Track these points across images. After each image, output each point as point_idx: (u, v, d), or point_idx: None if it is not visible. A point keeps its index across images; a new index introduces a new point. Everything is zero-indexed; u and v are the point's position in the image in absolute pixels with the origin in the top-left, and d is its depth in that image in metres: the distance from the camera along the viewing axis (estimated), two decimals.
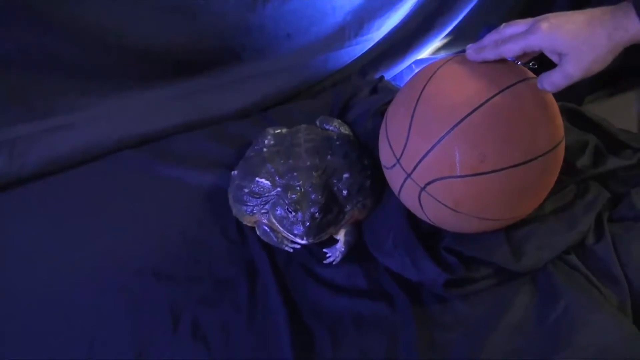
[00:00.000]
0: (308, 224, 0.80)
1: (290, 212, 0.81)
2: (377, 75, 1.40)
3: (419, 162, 0.67)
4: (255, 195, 0.88)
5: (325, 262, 0.85)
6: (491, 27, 1.55)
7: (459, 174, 0.65)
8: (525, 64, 1.44)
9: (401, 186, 0.74)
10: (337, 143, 0.96)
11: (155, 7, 1.03)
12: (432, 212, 0.73)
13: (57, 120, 1.06)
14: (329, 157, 0.90)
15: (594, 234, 0.80)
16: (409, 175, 0.70)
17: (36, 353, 0.74)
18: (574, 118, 0.96)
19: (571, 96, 0.63)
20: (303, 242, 0.83)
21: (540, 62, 1.45)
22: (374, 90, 1.24)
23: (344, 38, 1.33)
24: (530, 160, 0.65)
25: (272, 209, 0.85)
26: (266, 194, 0.87)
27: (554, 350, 0.65)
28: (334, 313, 0.78)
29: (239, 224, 0.92)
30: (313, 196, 0.81)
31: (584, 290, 0.71)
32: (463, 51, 1.61)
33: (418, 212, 0.76)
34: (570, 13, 0.58)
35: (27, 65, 0.98)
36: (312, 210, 0.80)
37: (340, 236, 0.86)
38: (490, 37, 0.66)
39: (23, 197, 1.00)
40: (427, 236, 0.80)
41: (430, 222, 0.77)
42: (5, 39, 0.93)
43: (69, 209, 0.97)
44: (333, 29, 1.30)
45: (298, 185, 0.83)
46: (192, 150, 1.11)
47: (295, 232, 0.81)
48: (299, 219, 0.80)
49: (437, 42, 1.50)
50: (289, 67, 1.30)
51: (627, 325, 0.67)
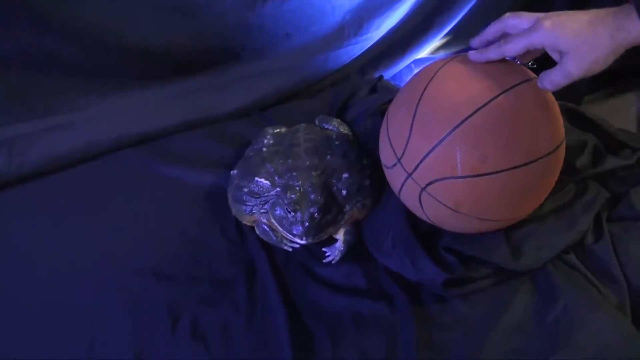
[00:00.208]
0: (307, 224, 0.80)
1: (290, 212, 0.81)
2: (376, 75, 1.40)
3: (420, 162, 0.67)
4: (255, 195, 0.88)
5: (324, 261, 0.85)
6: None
7: (460, 175, 0.65)
8: (523, 63, 1.44)
9: (401, 186, 0.74)
10: (336, 143, 0.96)
11: (154, 6, 1.02)
12: (432, 212, 0.73)
13: (56, 119, 1.06)
14: (328, 157, 0.90)
15: (593, 233, 0.80)
16: (409, 175, 0.70)
17: (36, 352, 0.74)
18: (573, 118, 0.97)
19: (570, 96, 0.63)
20: (302, 242, 0.83)
21: (540, 63, 1.45)
22: (373, 90, 1.24)
23: (343, 37, 1.33)
24: (532, 161, 0.65)
25: (272, 208, 0.85)
26: (265, 194, 0.87)
27: (553, 349, 0.65)
28: (334, 313, 0.78)
29: (238, 224, 0.92)
30: (312, 196, 0.81)
31: (583, 290, 0.71)
32: (462, 50, 1.62)
33: (418, 212, 0.76)
34: (573, 12, 0.58)
35: (26, 65, 0.98)
36: (312, 210, 0.80)
37: (340, 235, 0.86)
38: (493, 28, 0.65)
39: (22, 197, 1.00)
40: (427, 236, 0.80)
41: (430, 222, 0.77)
42: (5, 39, 0.93)
43: (68, 208, 0.97)
44: (332, 28, 1.30)
45: (297, 185, 0.83)
46: (191, 150, 1.11)
47: (295, 232, 0.81)
48: (298, 219, 0.80)
49: (436, 42, 1.50)
50: (288, 67, 1.30)
51: (626, 324, 0.68)
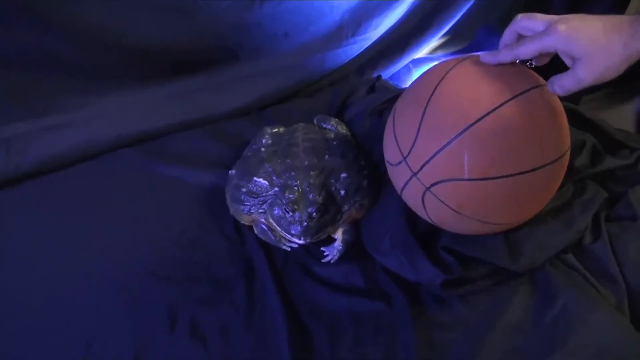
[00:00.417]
0: (305, 224, 0.80)
1: (288, 212, 0.81)
2: (375, 75, 1.40)
3: (427, 162, 0.67)
4: (253, 195, 0.87)
5: (323, 261, 0.85)
6: (488, 27, 1.55)
7: (466, 177, 0.64)
8: (521, 62, 1.44)
9: (405, 184, 0.74)
10: (335, 143, 0.96)
11: (153, 6, 1.02)
12: (434, 212, 0.73)
13: (55, 118, 1.06)
14: (326, 157, 0.90)
15: (591, 233, 0.80)
16: (414, 174, 0.70)
17: (34, 353, 0.74)
18: (572, 118, 0.96)
19: (569, 95, 0.62)
20: (300, 241, 0.83)
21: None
22: (372, 90, 1.24)
23: (341, 37, 1.33)
24: (538, 168, 0.65)
25: (270, 208, 0.85)
26: (264, 194, 0.87)
27: (552, 349, 0.65)
28: (332, 312, 0.78)
29: (236, 224, 0.92)
30: (311, 196, 0.81)
31: (581, 290, 0.71)
32: (461, 51, 1.62)
33: (419, 211, 0.76)
34: (590, 17, 0.57)
35: (25, 64, 0.98)
36: (310, 210, 0.80)
37: (338, 235, 0.86)
38: (508, 31, 0.64)
39: (21, 196, 1.00)
40: (425, 236, 0.80)
41: (431, 222, 0.77)
42: (4, 38, 0.93)
43: (67, 208, 0.97)
44: (331, 28, 1.30)
45: (296, 185, 0.83)
46: (190, 150, 1.10)
47: (293, 232, 0.81)
48: (296, 218, 0.80)
49: (434, 42, 1.50)
50: (286, 66, 1.30)
51: (624, 324, 0.68)
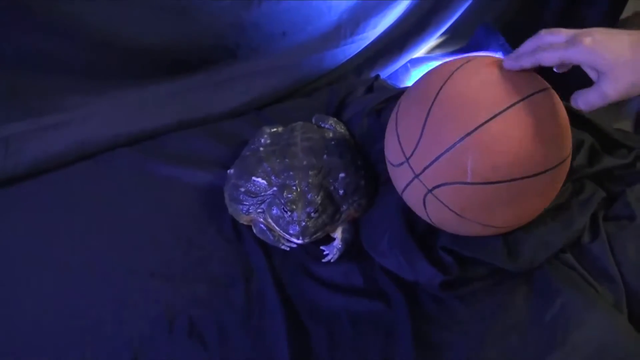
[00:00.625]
0: (304, 223, 0.80)
1: (286, 212, 0.81)
2: (373, 74, 1.40)
3: (430, 164, 0.66)
4: (252, 195, 0.87)
5: (323, 260, 0.85)
6: (486, 26, 1.55)
7: (469, 181, 0.64)
8: None
9: (406, 185, 0.73)
10: (333, 142, 0.96)
11: (151, 6, 1.02)
12: (434, 213, 0.73)
13: (53, 118, 1.06)
14: (325, 156, 0.90)
15: (589, 232, 0.80)
16: (417, 175, 0.69)
17: (31, 353, 0.73)
18: (570, 117, 0.96)
19: (567, 95, 0.62)
20: (299, 241, 0.83)
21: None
22: (370, 89, 1.24)
23: (339, 37, 1.33)
24: (541, 172, 0.64)
25: (268, 208, 0.84)
26: (262, 193, 0.87)
27: (551, 349, 0.65)
28: (331, 312, 0.78)
29: (234, 223, 0.92)
30: (309, 196, 0.81)
31: (580, 289, 0.71)
32: (459, 50, 1.62)
33: (420, 212, 0.76)
34: (616, 31, 0.55)
35: (23, 64, 0.98)
36: (308, 210, 0.80)
37: (338, 234, 0.86)
38: (528, 44, 0.63)
39: (18, 195, 1.00)
40: (424, 236, 0.80)
41: (431, 222, 0.76)
42: (2, 38, 0.93)
43: (64, 207, 0.97)
44: (329, 27, 1.30)
45: (294, 185, 0.83)
46: (187, 149, 1.10)
47: (291, 231, 0.81)
48: (294, 218, 0.80)
49: (432, 41, 1.50)
50: (284, 66, 1.30)
51: (623, 323, 0.68)
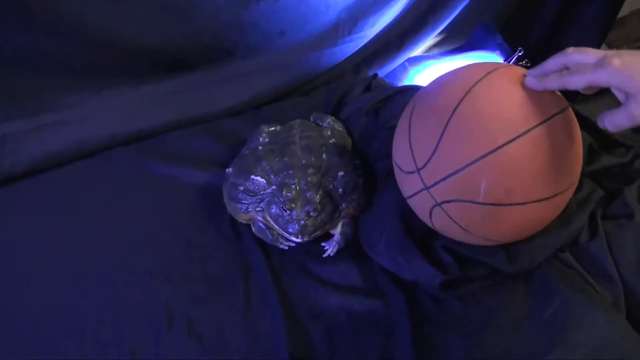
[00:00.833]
0: (303, 222, 0.80)
1: (285, 211, 0.81)
2: (371, 73, 1.40)
3: (442, 180, 0.65)
4: (250, 193, 0.87)
5: (324, 255, 0.85)
6: (484, 24, 1.55)
7: (480, 201, 0.63)
8: (517, 63, 1.44)
9: (414, 194, 0.72)
10: (331, 141, 0.96)
11: (149, 4, 1.02)
12: (439, 224, 0.72)
13: (50, 117, 1.05)
14: (324, 155, 0.90)
15: (587, 231, 0.80)
16: (427, 188, 0.68)
17: (30, 352, 0.73)
18: None
19: (565, 94, 0.62)
20: (298, 240, 0.83)
21: (533, 60, 1.45)
22: (368, 88, 1.24)
23: (337, 36, 1.33)
24: (553, 196, 0.64)
25: (267, 207, 0.84)
26: (261, 192, 0.86)
27: (549, 348, 0.65)
28: (330, 311, 0.78)
29: (233, 222, 0.92)
30: (308, 194, 0.81)
31: (578, 288, 0.71)
32: (457, 49, 1.61)
33: (424, 219, 0.75)
34: None
35: (20, 63, 0.97)
36: (307, 208, 0.80)
37: (337, 229, 0.86)
38: (554, 61, 0.61)
39: (16, 195, 1.00)
40: (422, 236, 0.80)
41: (433, 228, 0.76)
42: None
43: (61, 206, 0.97)
44: (327, 26, 1.30)
45: (293, 184, 0.83)
46: (185, 148, 1.10)
47: (290, 230, 0.81)
48: (293, 217, 0.80)
49: (430, 40, 1.50)
50: (282, 65, 1.30)
51: (621, 322, 0.68)
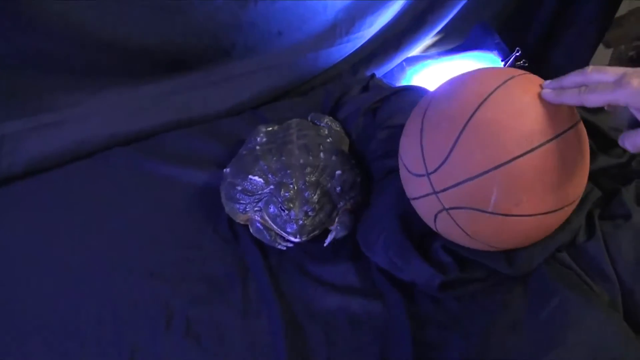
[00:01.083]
0: (301, 222, 0.80)
1: (284, 210, 0.81)
2: (369, 73, 1.40)
3: (452, 186, 0.65)
4: (248, 193, 0.87)
5: (324, 245, 0.84)
6: (482, 24, 1.55)
7: (490, 211, 0.63)
8: (514, 64, 1.43)
9: (421, 196, 0.71)
10: (329, 140, 0.96)
11: (146, 5, 1.02)
12: (444, 228, 0.72)
13: (48, 117, 1.06)
14: (321, 154, 0.90)
15: (585, 231, 0.80)
16: (435, 192, 0.67)
17: (27, 353, 0.73)
18: None
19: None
20: (296, 240, 0.82)
21: (530, 60, 1.45)
22: (366, 88, 1.24)
23: (335, 36, 1.33)
24: (560, 208, 0.65)
25: (266, 206, 0.84)
26: (259, 192, 0.86)
27: (547, 348, 0.65)
28: (328, 312, 0.78)
29: (231, 222, 0.92)
30: (306, 194, 0.81)
31: (576, 288, 0.71)
32: (455, 49, 1.61)
33: (428, 222, 0.75)
34: None
35: (18, 63, 0.97)
36: (305, 208, 0.80)
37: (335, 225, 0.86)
38: (572, 79, 0.60)
39: (14, 195, 1.00)
40: (420, 237, 0.80)
41: (434, 230, 0.76)
42: None
43: (59, 207, 0.97)
44: (324, 26, 1.30)
45: (291, 183, 0.83)
46: (183, 148, 1.10)
47: (289, 230, 0.81)
48: (292, 217, 0.80)
49: (428, 40, 1.50)
50: (280, 65, 1.30)
51: (618, 322, 0.68)
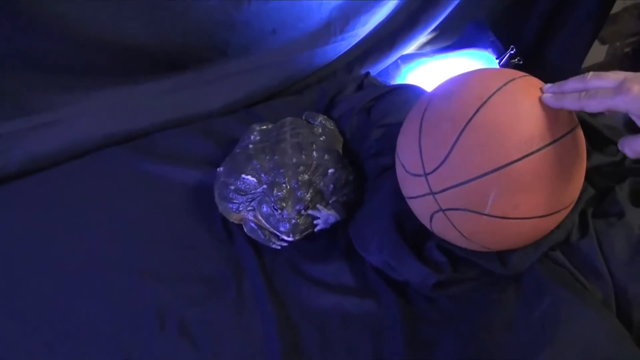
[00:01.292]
0: (294, 221, 0.80)
1: (276, 210, 0.81)
2: (363, 71, 1.40)
3: (450, 188, 0.65)
4: (241, 193, 0.87)
5: (315, 230, 0.84)
6: (477, 22, 1.55)
7: (486, 213, 0.63)
8: (509, 61, 1.43)
9: (417, 196, 0.71)
10: (322, 139, 0.96)
11: (141, 4, 1.01)
12: (439, 228, 0.72)
13: (42, 117, 1.05)
14: (314, 153, 0.89)
15: (578, 230, 0.80)
16: (432, 193, 0.67)
17: (25, 353, 0.73)
18: None
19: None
20: (289, 239, 0.82)
21: (525, 57, 1.45)
22: (360, 87, 1.24)
23: (329, 34, 1.32)
24: (557, 212, 0.65)
25: (259, 206, 0.84)
26: (252, 191, 0.86)
27: (540, 346, 0.65)
28: (322, 311, 0.78)
29: (225, 222, 0.92)
30: (299, 193, 0.81)
31: (569, 287, 0.71)
32: (450, 47, 1.61)
33: (423, 221, 0.75)
34: None
35: (10, 63, 0.97)
36: (298, 207, 0.80)
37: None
38: (573, 85, 0.60)
39: (6, 196, 0.99)
40: (414, 236, 0.79)
41: (429, 230, 0.76)
42: None
43: (53, 207, 0.97)
44: (319, 25, 1.30)
45: (284, 182, 0.83)
46: (177, 147, 1.10)
47: (282, 229, 0.81)
48: (284, 216, 0.80)
49: (422, 38, 1.50)
50: (274, 63, 1.29)
51: (611, 320, 0.68)
